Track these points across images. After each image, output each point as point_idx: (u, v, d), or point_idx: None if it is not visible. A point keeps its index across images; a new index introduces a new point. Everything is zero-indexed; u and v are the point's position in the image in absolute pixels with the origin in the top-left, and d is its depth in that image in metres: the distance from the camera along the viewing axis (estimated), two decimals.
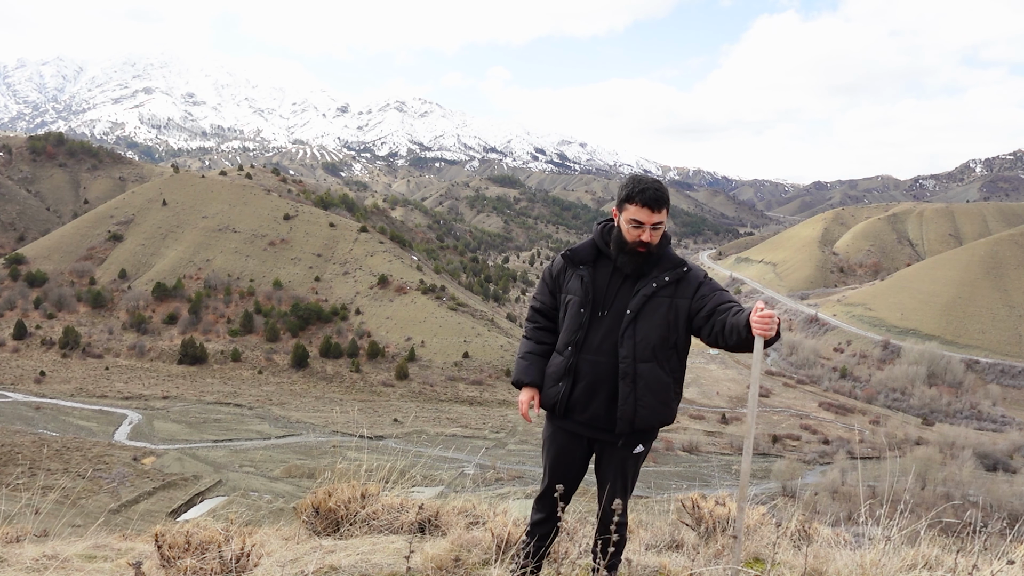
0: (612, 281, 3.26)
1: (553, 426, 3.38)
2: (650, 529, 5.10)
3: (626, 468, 3.33)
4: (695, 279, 3.25)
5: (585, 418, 3.26)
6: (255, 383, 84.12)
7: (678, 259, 3.28)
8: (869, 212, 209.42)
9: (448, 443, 55.53)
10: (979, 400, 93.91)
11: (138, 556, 3.96)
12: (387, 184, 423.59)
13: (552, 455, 3.38)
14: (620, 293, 3.24)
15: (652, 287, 3.20)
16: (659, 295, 3.20)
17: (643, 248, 3.19)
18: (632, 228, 3.17)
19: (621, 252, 3.23)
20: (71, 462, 47.47)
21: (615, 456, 3.31)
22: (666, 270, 3.24)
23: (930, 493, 47.55)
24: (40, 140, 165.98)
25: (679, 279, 3.23)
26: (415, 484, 5.06)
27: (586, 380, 3.22)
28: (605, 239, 3.32)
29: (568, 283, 3.33)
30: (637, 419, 3.18)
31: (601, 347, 3.20)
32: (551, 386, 3.30)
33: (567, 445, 3.34)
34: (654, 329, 3.17)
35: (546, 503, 3.39)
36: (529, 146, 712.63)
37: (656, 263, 3.27)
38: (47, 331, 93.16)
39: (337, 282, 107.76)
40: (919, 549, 3.63)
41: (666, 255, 3.28)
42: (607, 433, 3.26)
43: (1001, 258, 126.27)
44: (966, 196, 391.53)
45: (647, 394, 3.17)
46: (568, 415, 3.29)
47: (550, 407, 3.32)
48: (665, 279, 3.21)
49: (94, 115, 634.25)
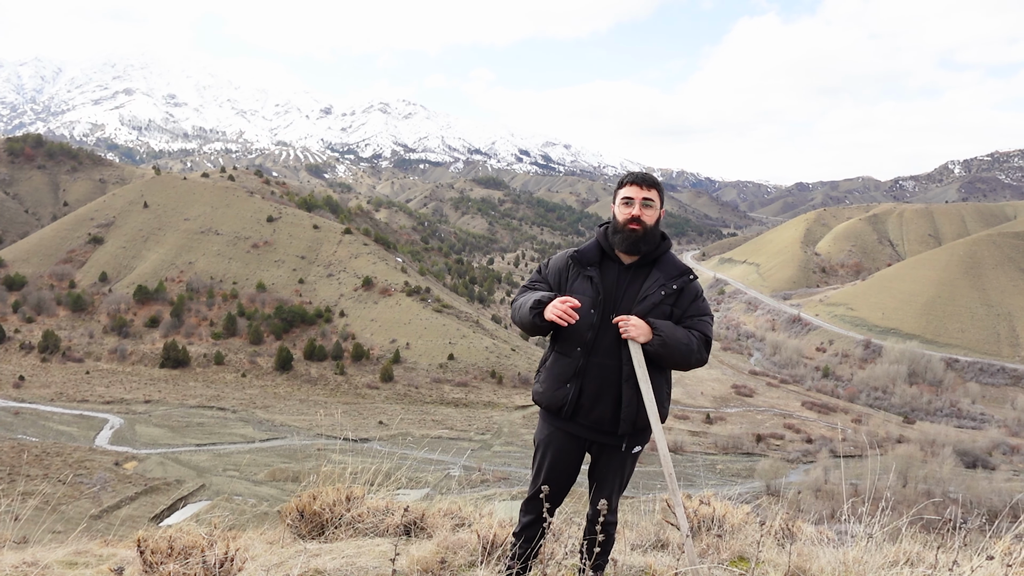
0: (619, 283, 3.28)
1: (551, 427, 3.36)
2: (636, 529, 5.12)
3: (625, 469, 3.37)
4: (694, 291, 3.30)
5: (590, 421, 3.26)
6: (238, 386, 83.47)
7: (684, 266, 3.32)
8: (850, 213, 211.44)
9: (433, 445, 55.39)
10: (959, 398, 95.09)
11: (120, 562, 3.92)
12: (371, 186, 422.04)
13: (549, 458, 3.35)
14: (626, 296, 3.25)
15: (660, 295, 3.22)
16: (664, 303, 3.23)
17: (637, 226, 3.23)
18: (623, 206, 3.27)
19: (616, 233, 3.28)
20: (51, 467, 46.87)
21: (615, 458, 3.32)
22: (673, 277, 3.27)
23: (911, 490, 48.10)
24: (18, 141, 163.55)
25: (683, 288, 3.27)
26: (400, 487, 5.05)
27: (595, 383, 3.22)
28: (608, 239, 3.35)
29: (574, 283, 3.32)
30: (639, 420, 3.22)
31: (609, 350, 3.21)
32: (558, 388, 3.28)
33: (565, 447, 3.33)
34: None
35: (535, 505, 3.38)
36: (513, 148, 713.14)
37: (657, 262, 3.31)
38: (26, 335, 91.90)
39: (321, 284, 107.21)
40: (901, 546, 3.67)
41: (669, 258, 3.33)
42: (610, 436, 3.27)
43: (979, 258, 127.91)
44: (945, 197, 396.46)
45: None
46: (574, 417, 3.28)
47: (557, 409, 3.30)
48: (673, 287, 3.24)
49: (74, 116, 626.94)
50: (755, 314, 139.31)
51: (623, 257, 3.30)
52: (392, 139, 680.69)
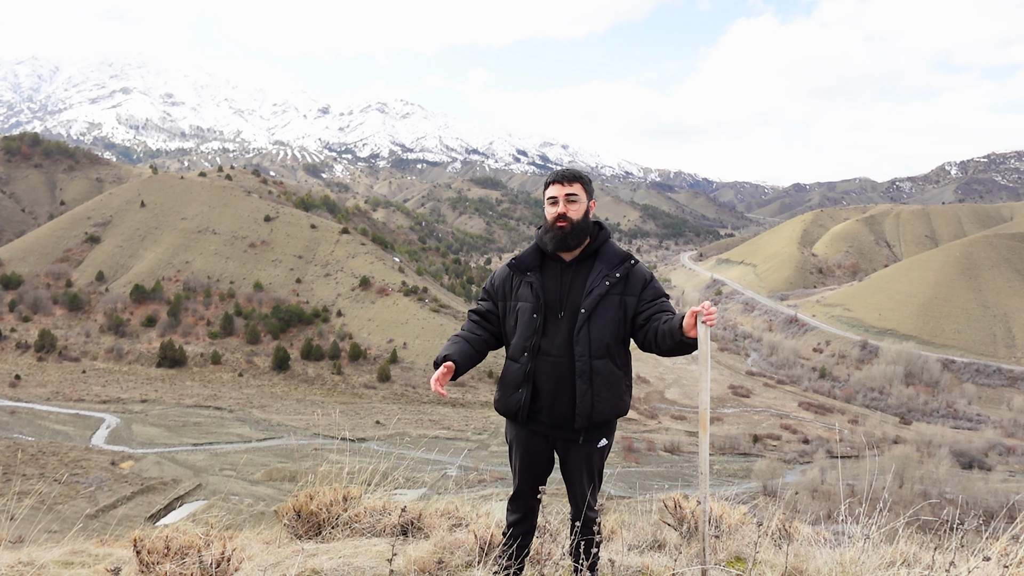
0: (563, 282, 3.32)
1: (516, 429, 3.42)
2: (632, 529, 5.12)
3: (592, 463, 3.38)
4: (641, 276, 3.34)
5: (550, 419, 3.30)
6: (235, 386, 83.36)
7: (623, 252, 3.37)
8: (847, 214, 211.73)
9: (431, 445, 55.35)
10: (955, 399, 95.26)
11: (116, 562, 3.91)
12: (369, 185, 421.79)
13: (520, 457, 3.44)
14: (572, 292, 3.29)
15: (605, 285, 3.27)
16: (611, 293, 3.27)
17: (564, 222, 3.27)
18: (550, 206, 3.32)
19: (547, 233, 3.33)
20: (47, 467, 46.77)
21: (580, 453, 3.35)
22: (614, 265, 3.32)
23: (908, 491, 48.19)
24: (15, 140, 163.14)
25: (627, 274, 3.31)
26: (397, 486, 5.04)
27: (548, 383, 3.27)
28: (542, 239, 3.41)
29: (518, 291, 3.38)
30: (594, 414, 3.25)
31: (560, 348, 3.26)
32: (511, 393, 3.35)
33: (533, 446, 3.40)
34: (607, 326, 3.25)
35: (519, 503, 3.47)
36: (511, 148, 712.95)
37: (597, 253, 3.35)
38: (22, 334, 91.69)
39: (318, 284, 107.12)
40: (897, 547, 3.68)
41: (609, 248, 3.37)
42: (570, 431, 3.31)
43: (976, 259, 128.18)
44: (942, 198, 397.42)
45: (603, 389, 3.25)
46: (532, 419, 3.34)
47: (512, 414, 3.36)
48: (616, 275, 3.28)
49: (71, 115, 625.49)
50: (752, 315, 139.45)
51: (563, 255, 3.35)
52: (390, 139, 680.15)
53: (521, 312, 3.33)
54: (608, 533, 4.72)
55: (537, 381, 3.28)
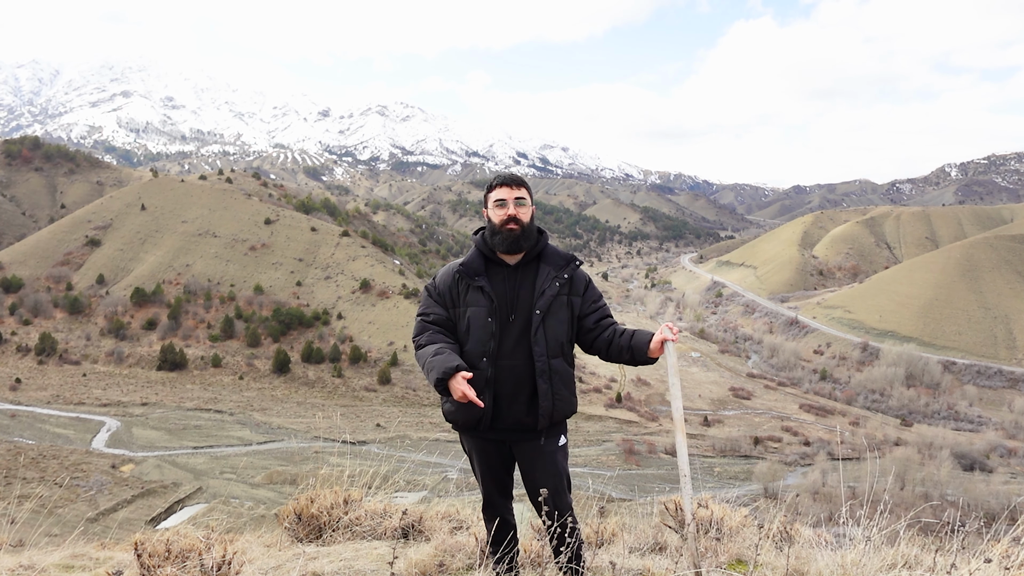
0: (510, 286, 3.34)
1: (472, 438, 3.41)
2: (633, 532, 5.11)
3: (558, 463, 3.37)
4: (583, 277, 3.44)
5: (509, 424, 3.30)
6: (236, 389, 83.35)
7: (568, 254, 3.45)
8: (847, 215, 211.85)
9: (431, 448, 55.29)
10: (956, 401, 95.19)
11: (117, 565, 3.91)
12: (369, 188, 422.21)
13: (481, 466, 3.43)
14: (521, 295, 3.32)
15: (556, 287, 3.33)
16: (561, 293, 3.34)
17: (515, 225, 3.31)
18: (497, 208, 3.34)
19: (495, 235, 3.35)
20: (48, 470, 46.74)
21: (541, 454, 3.34)
22: (560, 267, 3.38)
23: (909, 493, 48.15)
24: (15, 144, 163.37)
25: (572, 275, 3.39)
26: (398, 489, 5.05)
27: (507, 386, 3.27)
28: (487, 243, 3.41)
29: (466, 296, 3.36)
30: (555, 412, 3.29)
31: (515, 351, 3.27)
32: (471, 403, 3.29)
33: (492, 453, 3.40)
34: (560, 325, 3.31)
35: (492, 511, 3.49)
36: (511, 150, 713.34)
37: (541, 256, 3.40)
38: (23, 337, 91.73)
39: (319, 287, 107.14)
40: (899, 549, 3.67)
41: (552, 251, 3.43)
42: (530, 432, 3.31)
43: (976, 261, 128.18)
44: (942, 200, 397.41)
45: (561, 387, 3.30)
46: (493, 425, 3.33)
47: (474, 423, 3.32)
48: (564, 276, 3.36)
49: (71, 118, 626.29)
50: (752, 317, 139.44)
51: (507, 259, 3.37)
52: (390, 141, 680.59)
53: (473, 317, 3.31)
54: (609, 536, 4.72)
55: (497, 387, 3.27)
